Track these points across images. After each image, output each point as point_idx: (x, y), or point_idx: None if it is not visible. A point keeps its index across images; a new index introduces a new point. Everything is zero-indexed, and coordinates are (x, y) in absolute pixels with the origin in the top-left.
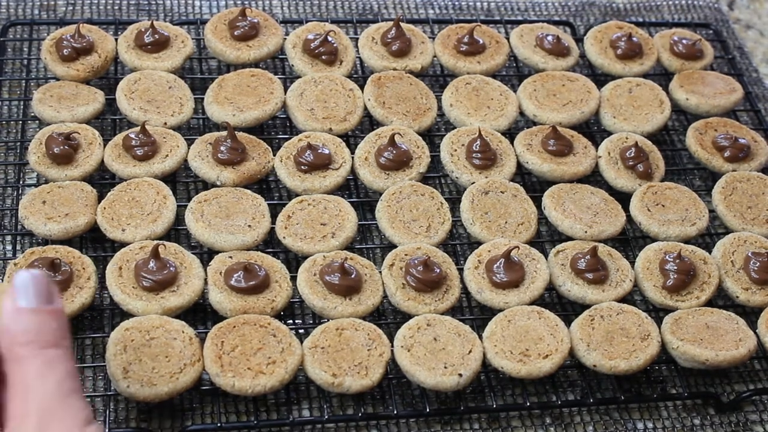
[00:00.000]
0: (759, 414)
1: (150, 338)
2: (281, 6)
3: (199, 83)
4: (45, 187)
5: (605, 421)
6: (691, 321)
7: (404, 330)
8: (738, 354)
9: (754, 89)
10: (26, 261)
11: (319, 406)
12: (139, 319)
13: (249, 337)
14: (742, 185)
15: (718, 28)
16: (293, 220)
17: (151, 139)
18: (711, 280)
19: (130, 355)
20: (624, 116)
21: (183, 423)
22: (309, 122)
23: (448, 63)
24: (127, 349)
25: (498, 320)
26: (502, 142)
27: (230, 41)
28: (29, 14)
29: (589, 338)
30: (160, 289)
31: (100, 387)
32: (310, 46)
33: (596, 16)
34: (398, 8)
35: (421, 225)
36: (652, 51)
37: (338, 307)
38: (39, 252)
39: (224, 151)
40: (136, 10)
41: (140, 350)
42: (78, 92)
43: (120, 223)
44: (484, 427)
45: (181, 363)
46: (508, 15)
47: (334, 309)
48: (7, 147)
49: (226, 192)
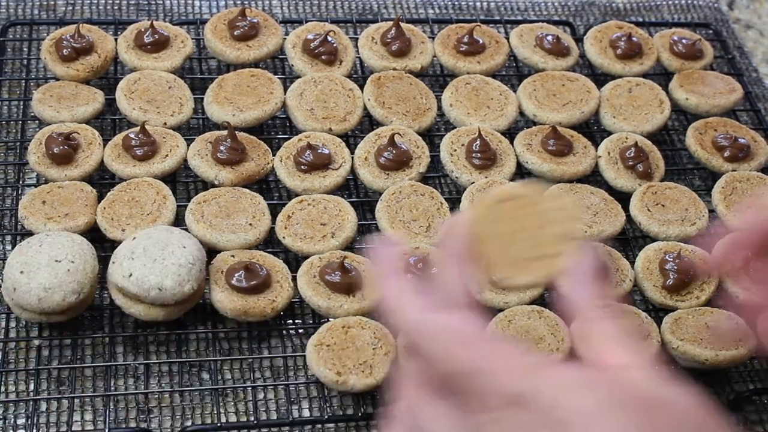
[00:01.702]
0: (759, 414)
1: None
2: (281, 6)
3: (199, 83)
4: (45, 187)
5: None
6: (691, 321)
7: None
8: (738, 354)
9: (754, 89)
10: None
11: (319, 406)
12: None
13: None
14: (741, 185)
15: (717, 28)
16: (293, 220)
17: (150, 139)
18: (711, 280)
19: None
20: (624, 116)
21: (183, 423)
22: (309, 122)
23: (447, 63)
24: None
25: (498, 320)
26: (502, 142)
27: (230, 41)
28: (29, 14)
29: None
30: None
31: (99, 387)
32: (310, 46)
33: (596, 16)
34: (398, 8)
35: (421, 225)
36: (652, 51)
37: (344, 305)
38: None
39: (224, 150)
40: (136, 10)
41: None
42: (78, 92)
43: (120, 223)
44: None
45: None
46: (508, 15)
47: (340, 308)
48: (7, 147)
49: (224, 192)
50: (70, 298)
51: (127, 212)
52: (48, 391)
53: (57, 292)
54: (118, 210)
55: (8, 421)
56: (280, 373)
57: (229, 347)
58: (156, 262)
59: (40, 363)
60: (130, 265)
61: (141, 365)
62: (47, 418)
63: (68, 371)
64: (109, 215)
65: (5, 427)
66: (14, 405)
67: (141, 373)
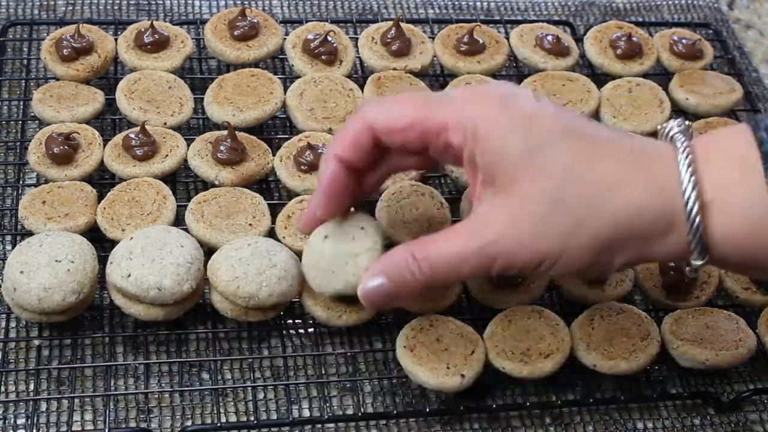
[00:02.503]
0: (759, 414)
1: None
2: (281, 6)
3: (199, 83)
4: (45, 187)
5: (605, 421)
6: (691, 321)
7: (407, 330)
8: (738, 354)
9: (754, 89)
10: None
11: (319, 406)
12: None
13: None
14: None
15: (718, 28)
16: (293, 220)
17: (151, 139)
18: (711, 280)
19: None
20: (624, 116)
21: (183, 423)
22: (309, 122)
23: (448, 63)
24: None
25: (498, 320)
26: None
27: (230, 41)
28: (29, 14)
29: (589, 338)
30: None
31: (99, 387)
32: (310, 46)
33: (596, 16)
34: (398, 8)
35: (421, 225)
36: (652, 51)
37: (342, 316)
38: None
39: (224, 150)
40: (136, 10)
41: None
42: (78, 92)
43: (120, 223)
44: (484, 427)
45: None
46: (508, 15)
47: (339, 318)
48: (7, 147)
49: (224, 192)
50: (70, 298)
51: (127, 212)
52: (48, 391)
53: (57, 292)
54: (118, 210)
55: (8, 421)
56: (280, 373)
57: (229, 347)
58: (154, 262)
59: (40, 363)
60: (129, 266)
61: (141, 365)
62: (47, 418)
63: (68, 371)
64: (109, 215)
65: (5, 427)
66: (14, 405)
67: (141, 373)
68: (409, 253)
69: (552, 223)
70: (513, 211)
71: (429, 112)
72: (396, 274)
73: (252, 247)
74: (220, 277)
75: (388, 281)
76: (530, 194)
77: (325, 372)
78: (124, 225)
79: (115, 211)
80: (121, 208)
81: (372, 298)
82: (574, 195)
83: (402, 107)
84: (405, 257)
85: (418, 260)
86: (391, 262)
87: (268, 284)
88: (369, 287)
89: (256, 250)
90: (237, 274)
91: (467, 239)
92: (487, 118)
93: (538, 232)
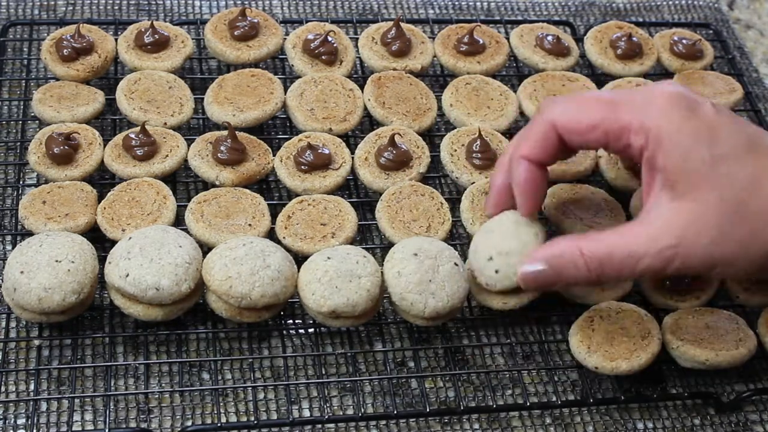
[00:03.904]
0: (759, 414)
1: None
2: (281, 6)
3: (199, 83)
4: (45, 187)
5: (605, 421)
6: (691, 321)
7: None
8: (738, 354)
9: (754, 89)
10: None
11: (319, 406)
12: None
13: None
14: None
15: (718, 28)
16: (293, 220)
17: (151, 139)
18: (711, 280)
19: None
20: None
21: (183, 423)
22: (309, 122)
23: (448, 63)
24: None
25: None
26: (502, 142)
27: (230, 41)
28: (29, 14)
29: (590, 340)
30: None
31: (100, 387)
32: (310, 46)
33: (596, 16)
34: (398, 8)
35: (421, 225)
36: (652, 51)
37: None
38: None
39: (224, 151)
40: (136, 10)
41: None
42: (78, 92)
43: (120, 224)
44: (484, 427)
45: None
46: (508, 15)
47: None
48: (7, 147)
49: (225, 192)
50: (70, 298)
51: (128, 212)
52: (48, 391)
53: (57, 292)
54: (118, 210)
55: (8, 421)
56: (281, 374)
57: (229, 347)
58: (152, 262)
59: (40, 363)
60: (127, 266)
61: (141, 365)
62: (47, 418)
63: (68, 371)
64: (109, 215)
65: (5, 427)
66: (14, 405)
67: (141, 373)
68: (576, 247)
69: (731, 232)
70: (694, 217)
71: (612, 113)
72: (559, 265)
73: (247, 247)
74: (214, 276)
75: (549, 269)
76: (712, 202)
77: (325, 372)
78: (124, 225)
79: (116, 211)
80: (121, 208)
81: (530, 281)
82: (754, 206)
83: (584, 108)
84: (572, 251)
85: (584, 256)
86: (555, 252)
87: (261, 285)
88: (528, 270)
89: (251, 250)
90: (230, 274)
91: (643, 240)
92: (670, 123)
93: (718, 239)
